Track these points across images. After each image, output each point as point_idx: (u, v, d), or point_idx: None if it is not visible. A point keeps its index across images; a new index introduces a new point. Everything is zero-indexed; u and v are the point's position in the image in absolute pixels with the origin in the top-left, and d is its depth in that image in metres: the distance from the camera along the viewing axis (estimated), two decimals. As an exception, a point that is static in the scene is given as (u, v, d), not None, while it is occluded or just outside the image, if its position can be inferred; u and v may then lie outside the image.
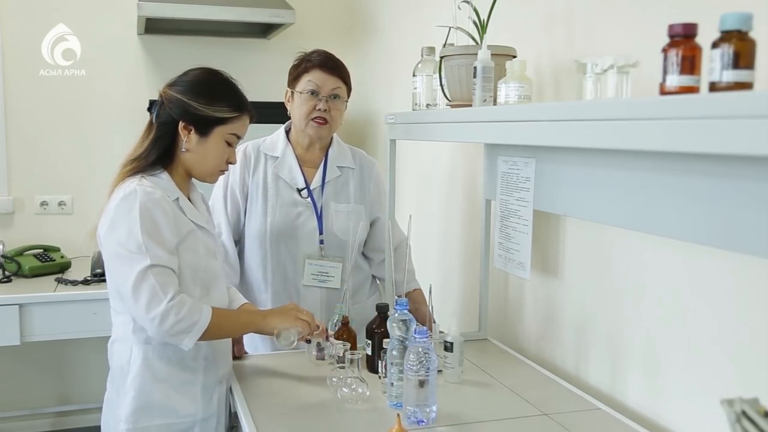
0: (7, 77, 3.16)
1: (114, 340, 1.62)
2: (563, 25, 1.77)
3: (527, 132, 1.31)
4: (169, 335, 1.46)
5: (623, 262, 1.58)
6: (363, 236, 2.08)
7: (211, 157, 1.60)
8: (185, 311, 1.46)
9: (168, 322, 1.44)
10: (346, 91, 2.05)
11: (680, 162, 1.22)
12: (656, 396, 1.49)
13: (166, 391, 1.56)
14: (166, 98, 1.58)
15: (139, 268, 1.44)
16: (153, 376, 1.55)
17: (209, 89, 1.58)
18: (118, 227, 1.48)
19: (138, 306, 1.45)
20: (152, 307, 1.44)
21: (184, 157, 1.60)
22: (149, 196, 1.49)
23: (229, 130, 1.60)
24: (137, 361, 1.55)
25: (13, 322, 2.65)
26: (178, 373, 1.57)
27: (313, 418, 1.50)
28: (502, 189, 1.80)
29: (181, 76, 1.61)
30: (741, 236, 1.11)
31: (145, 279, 1.44)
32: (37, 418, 3.35)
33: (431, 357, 1.43)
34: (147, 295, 1.44)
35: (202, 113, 1.56)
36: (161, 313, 1.43)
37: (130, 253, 1.46)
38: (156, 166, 1.58)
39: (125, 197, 1.49)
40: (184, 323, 1.45)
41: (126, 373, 1.56)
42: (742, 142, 0.83)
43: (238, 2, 2.97)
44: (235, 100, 1.60)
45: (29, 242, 3.09)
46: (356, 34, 3.49)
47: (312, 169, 2.07)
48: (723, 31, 0.92)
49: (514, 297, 2.05)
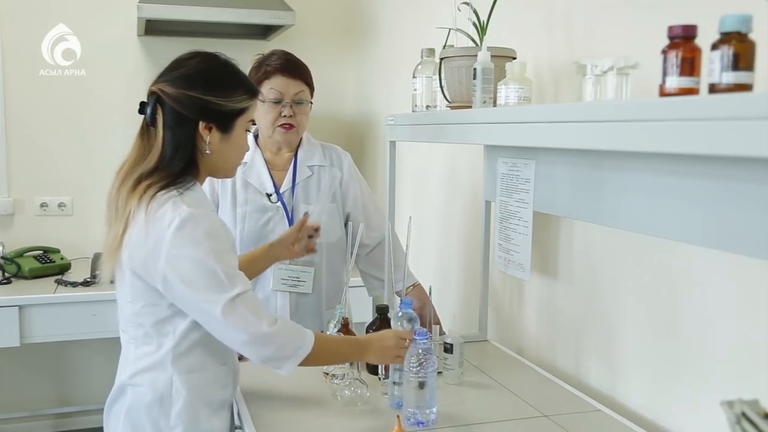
0: (7, 77, 3.16)
1: (138, 372, 1.43)
2: (563, 26, 1.77)
3: (527, 133, 1.31)
4: (270, 360, 1.37)
5: (623, 263, 1.58)
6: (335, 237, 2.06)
7: (236, 152, 1.48)
8: (287, 335, 1.37)
9: (271, 346, 1.35)
10: (309, 92, 2.01)
11: (680, 163, 1.22)
12: (656, 397, 1.49)
13: (208, 417, 1.46)
14: (170, 97, 1.38)
15: (224, 299, 1.31)
16: (199, 403, 1.44)
17: (221, 79, 1.42)
18: (183, 261, 1.32)
19: (229, 337, 1.35)
20: (245, 333, 1.33)
21: (207, 159, 1.42)
22: (211, 221, 1.36)
23: (248, 118, 1.47)
24: (182, 392, 1.41)
25: (13, 324, 2.65)
26: (217, 396, 1.48)
27: (314, 419, 1.50)
28: (501, 190, 1.80)
29: (178, 69, 1.41)
30: (740, 237, 1.11)
31: (234, 309, 1.32)
32: (36, 420, 3.35)
33: (431, 358, 1.44)
34: (242, 324, 1.33)
35: (224, 108, 1.40)
36: (254, 341, 1.33)
37: (207, 286, 1.32)
38: (185, 177, 1.40)
39: (184, 223, 1.32)
40: (287, 349, 1.37)
41: (168, 406, 1.41)
42: (741, 144, 0.83)
43: (237, 4, 2.97)
44: (246, 84, 1.46)
45: (29, 244, 3.10)
46: (356, 35, 3.50)
47: (282, 172, 2.05)
48: (723, 32, 0.92)
49: (514, 298, 2.05)
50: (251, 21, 3.04)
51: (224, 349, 1.48)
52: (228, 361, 1.51)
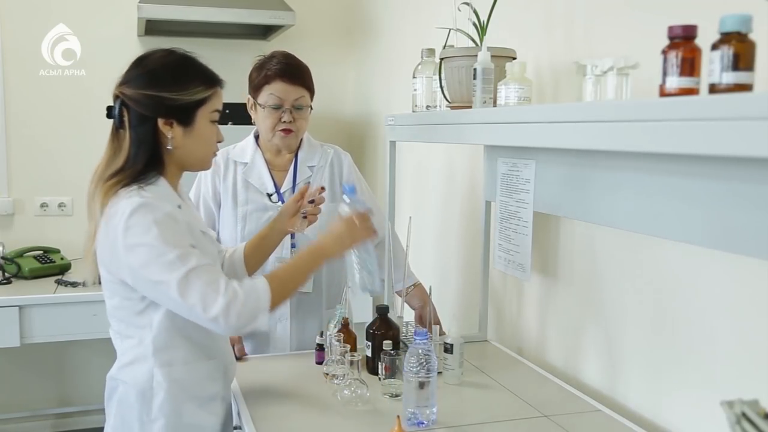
0: (7, 77, 3.16)
1: (123, 366, 1.47)
2: (563, 26, 1.77)
3: (527, 133, 1.31)
4: (239, 329, 1.37)
5: (623, 264, 1.58)
6: None
7: (203, 144, 1.48)
8: (242, 299, 1.34)
9: (231, 317, 1.33)
10: (309, 97, 2.01)
11: (680, 164, 1.22)
12: (656, 398, 1.49)
13: (194, 411, 1.47)
14: (130, 99, 1.41)
15: (177, 277, 1.32)
16: (183, 396, 1.45)
17: (175, 73, 1.44)
18: (136, 249, 1.34)
19: (194, 312, 1.34)
20: (210, 309, 1.32)
21: (173, 154, 1.45)
22: (162, 210, 1.36)
23: (211, 108, 1.47)
24: (163, 384, 1.42)
25: (13, 324, 2.65)
26: (205, 390, 1.49)
27: (314, 419, 1.50)
28: (502, 190, 1.80)
29: (136, 69, 1.44)
30: (740, 237, 1.11)
31: (189, 285, 1.32)
32: (36, 420, 3.35)
33: (431, 359, 1.44)
34: (199, 299, 1.32)
35: (180, 101, 1.41)
36: (221, 311, 1.32)
37: (160, 269, 1.33)
38: (148, 173, 1.43)
39: (133, 213, 1.34)
40: (247, 312, 1.35)
41: (150, 399, 1.43)
42: (741, 144, 0.83)
43: (237, 4, 2.97)
44: (204, 75, 1.47)
45: (29, 244, 3.10)
46: (356, 35, 3.50)
47: (282, 173, 2.05)
48: (723, 32, 0.92)
49: (514, 298, 2.05)
50: (251, 21, 3.05)
51: (211, 343, 1.50)
52: (216, 355, 1.52)
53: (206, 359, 1.49)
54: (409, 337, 1.80)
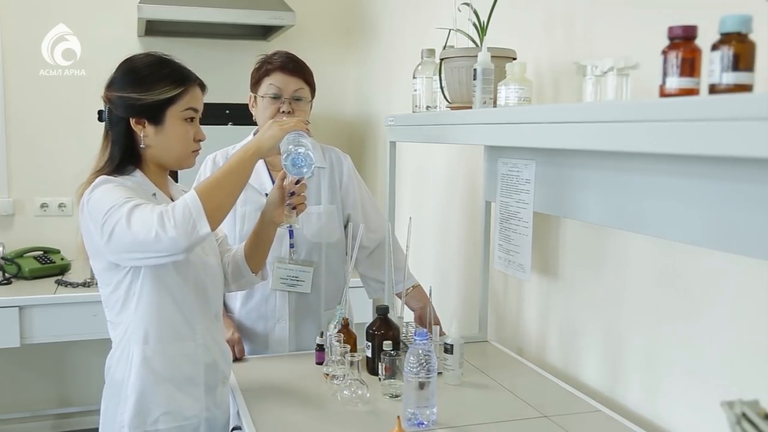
0: (7, 77, 3.16)
1: (113, 352, 1.54)
2: (563, 27, 1.77)
3: (527, 134, 1.31)
4: (185, 239, 1.34)
5: (622, 264, 1.58)
6: (334, 238, 2.06)
7: (176, 142, 1.52)
8: (172, 210, 1.34)
9: (169, 229, 1.32)
10: (309, 91, 2.01)
11: (680, 164, 1.22)
12: (656, 398, 1.49)
13: (169, 391, 1.50)
14: (108, 100, 1.52)
15: (123, 213, 1.34)
16: (155, 376, 1.48)
17: (143, 74, 1.50)
18: (96, 208, 1.39)
19: (140, 239, 1.33)
20: (150, 230, 1.32)
21: (148, 152, 1.52)
22: (122, 184, 1.44)
23: (182, 107, 1.50)
24: (136, 362, 1.47)
25: (13, 324, 2.65)
26: (180, 372, 1.52)
27: (314, 419, 1.50)
28: (502, 191, 1.80)
29: (116, 72, 1.54)
30: (740, 237, 1.11)
31: (132, 217, 1.34)
32: (36, 420, 3.35)
33: (431, 359, 1.44)
34: (141, 225, 1.33)
35: (147, 101, 1.47)
36: (158, 226, 1.32)
37: (112, 215, 1.36)
38: (126, 168, 1.51)
39: (94, 187, 1.43)
40: (181, 219, 1.33)
41: (126, 378, 1.49)
42: (741, 144, 0.83)
43: (237, 4, 2.97)
44: (174, 75, 1.51)
45: (29, 244, 3.10)
46: (356, 36, 3.50)
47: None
48: (723, 33, 0.92)
49: (514, 299, 2.05)
50: (251, 21, 3.05)
51: (189, 325, 1.52)
52: (195, 337, 1.54)
53: (184, 340, 1.52)
54: (409, 337, 1.81)
